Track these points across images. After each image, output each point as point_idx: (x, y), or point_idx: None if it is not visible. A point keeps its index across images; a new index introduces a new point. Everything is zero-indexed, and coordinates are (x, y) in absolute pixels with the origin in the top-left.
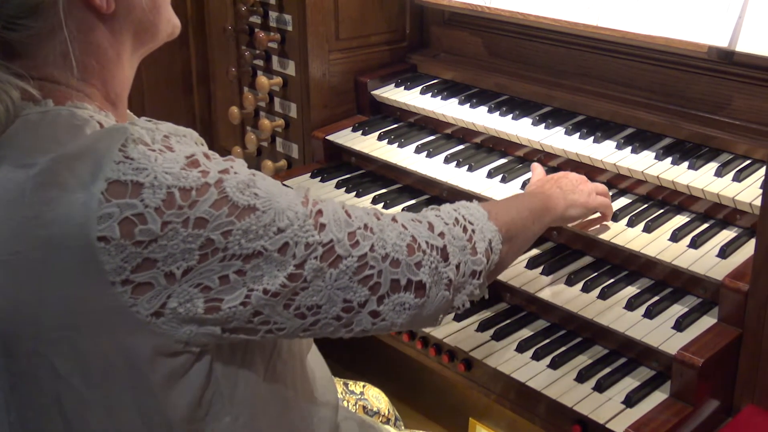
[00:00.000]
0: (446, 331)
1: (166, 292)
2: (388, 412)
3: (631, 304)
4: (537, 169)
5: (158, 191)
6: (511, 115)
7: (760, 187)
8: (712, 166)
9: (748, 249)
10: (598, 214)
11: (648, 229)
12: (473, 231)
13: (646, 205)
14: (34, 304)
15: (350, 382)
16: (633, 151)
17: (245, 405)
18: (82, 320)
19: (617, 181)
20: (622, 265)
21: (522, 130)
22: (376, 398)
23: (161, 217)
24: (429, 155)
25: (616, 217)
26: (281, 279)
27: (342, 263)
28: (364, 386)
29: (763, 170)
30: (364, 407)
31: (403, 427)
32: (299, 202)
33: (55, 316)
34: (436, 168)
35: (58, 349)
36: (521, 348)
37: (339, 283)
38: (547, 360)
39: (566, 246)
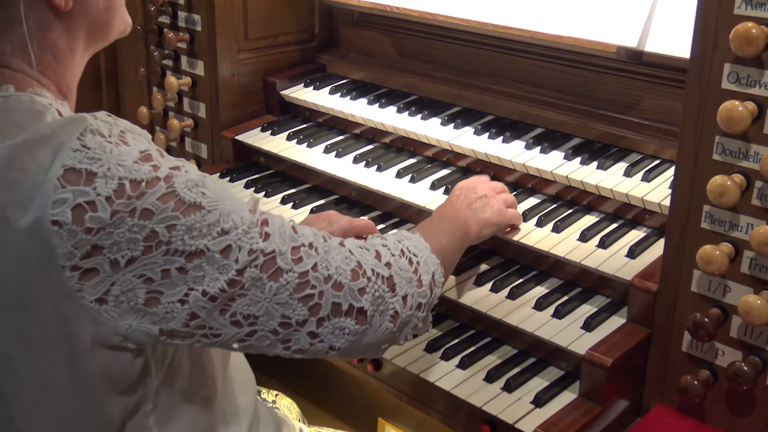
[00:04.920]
0: None
1: (110, 279)
2: (298, 422)
3: (540, 304)
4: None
5: (110, 181)
6: (420, 115)
7: (669, 187)
8: (621, 166)
9: (657, 249)
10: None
11: (557, 229)
12: (418, 263)
13: (555, 205)
14: None
15: (263, 390)
16: (542, 151)
17: (167, 397)
18: (30, 301)
19: (526, 181)
20: (531, 265)
21: (431, 130)
22: (288, 408)
23: (111, 206)
24: (338, 155)
25: (525, 217)
26: (221, 283)
27: (282, 277)
28: (276, 395)
29: (672, 170)
30: None
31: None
32: (247, 209)
33: (4, 295)
34: (345, 168)
35: (4, 327)
36: (430, 348)
37: (278, 297)
38: (456, 360)
39: (475, 246)
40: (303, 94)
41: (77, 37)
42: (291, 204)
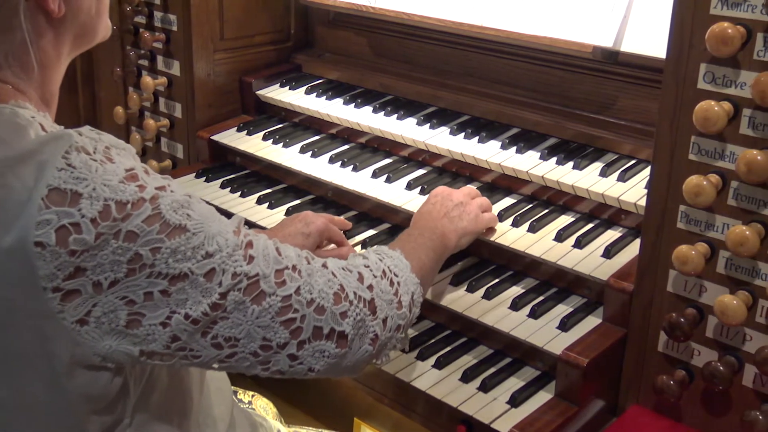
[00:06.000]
0: None
1: (92, 301)
2: (275, 421)
3: (515, 304)
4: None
5: (95, 203)
6: (395, 115)
7: (645, 187)
8: (597, 166)
9: (633, 249)
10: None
11: (533, 229)
12: (398, 284)
13: (530, 205)
14: None
15: (240, 391)
16: (518, 151)
17: (144, 412)
18: (10, 319)
19: (502, 181)
20: (506, 265)
21: (407, 130)
22: (264, 408)
23: (96, 228)
24: (314, 155)
25: (501, 217)
26: (204, 306)
27: (265, 300)
28: (252, 396)
29: (647, 170)
30: None
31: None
32: (231, 230)
33: None
34: (321, 168)
35: None
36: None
37: (260, 321)
38: (432, 360)
39: None
40: (279, 94)
41: (64, 43)
42: (267, 204)
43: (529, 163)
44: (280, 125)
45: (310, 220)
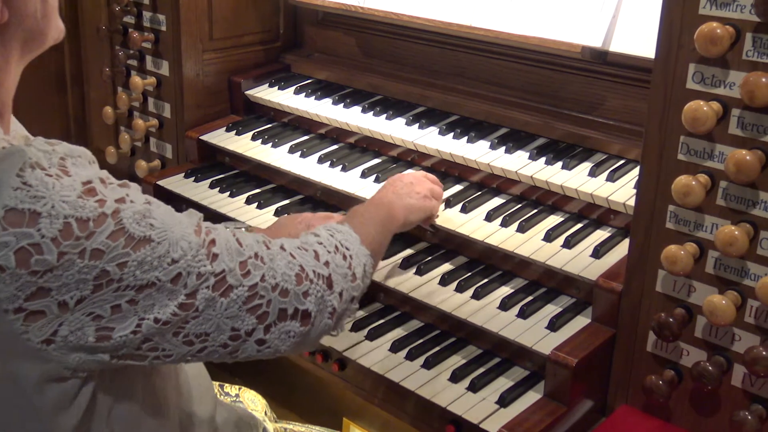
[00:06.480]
0: None
1: (58, 321)
2: (266, 414)
3: (504, 304)
4: None
5: (55, 221)
6: (384, 115)
7: (634, 187)
8: (586, 166)
9: (622, 249)
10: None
11: (522, 229)
12: (351, 257)
13: (519, 205)
14: None
15: (226, 384)
16: (507, 151)
17: (121, 420)
18: None
19: (491, 181)
20: (495, 265)
21: (396, 130)
22: (252, 401)
23: (58, 248)
24: (303, 155)
25: (490, 218)
26: (172, 308)
27: (233, 293)
28: (239, 389)
29: (636, 170)
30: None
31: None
32: (192, 230)
33: None
34: (310, 168)
35: None
36: (395, 348)
37: (229, 312)
38: (421, 360)
39: (440, 246)
40: (268, 94)
41: (11, 48)
42: (256, 204)
43: (518, 163)
44: (269, 125)
45: (312, 223)
